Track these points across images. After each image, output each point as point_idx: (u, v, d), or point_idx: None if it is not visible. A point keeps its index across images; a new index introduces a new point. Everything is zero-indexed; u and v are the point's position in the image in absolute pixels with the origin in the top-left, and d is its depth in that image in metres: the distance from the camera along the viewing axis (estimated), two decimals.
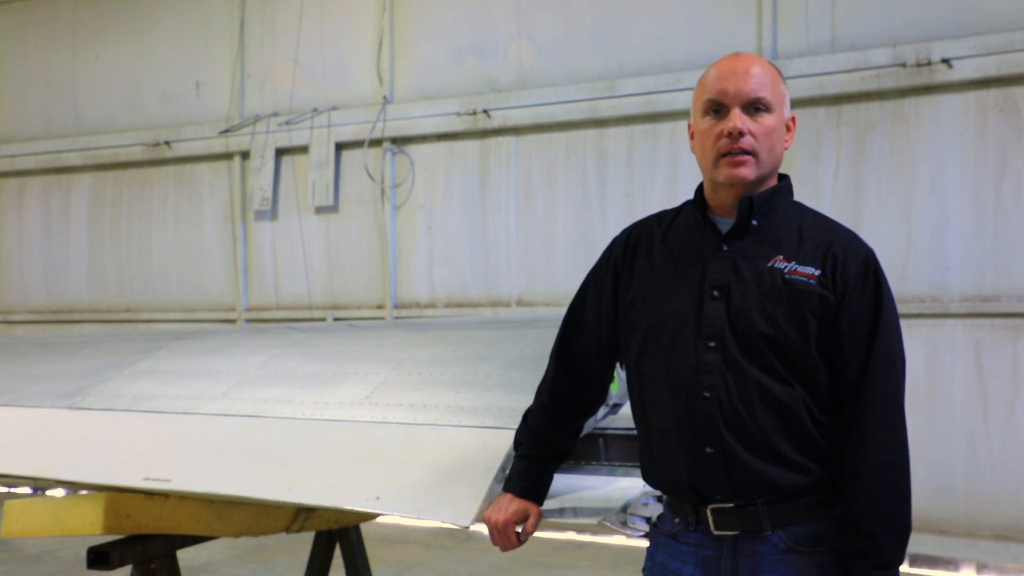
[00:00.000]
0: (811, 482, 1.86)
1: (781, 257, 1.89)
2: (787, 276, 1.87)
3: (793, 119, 1.99)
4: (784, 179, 2.00)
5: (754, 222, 1.92)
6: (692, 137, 2.00)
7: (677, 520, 1.98)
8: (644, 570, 2.07)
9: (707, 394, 1.86)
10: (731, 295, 1.88)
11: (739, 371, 1.85)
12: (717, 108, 1.91)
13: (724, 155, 1.89)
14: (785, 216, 1.95)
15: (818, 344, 1.86)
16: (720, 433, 1.85)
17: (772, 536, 1.87)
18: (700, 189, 2.01)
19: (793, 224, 1.94)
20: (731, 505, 1.89)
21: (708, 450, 1.87)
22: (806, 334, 1.84)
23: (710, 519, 1.91)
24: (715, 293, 1.89)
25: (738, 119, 1.87)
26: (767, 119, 1.90)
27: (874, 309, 1.87)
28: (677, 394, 1.90)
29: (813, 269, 1.87)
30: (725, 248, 1.93)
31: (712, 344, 1.87)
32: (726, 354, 1.86)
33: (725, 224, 1.95)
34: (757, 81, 1.89)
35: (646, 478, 2.05)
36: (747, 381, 1.84)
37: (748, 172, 1.89)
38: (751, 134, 1.88)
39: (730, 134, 1.87)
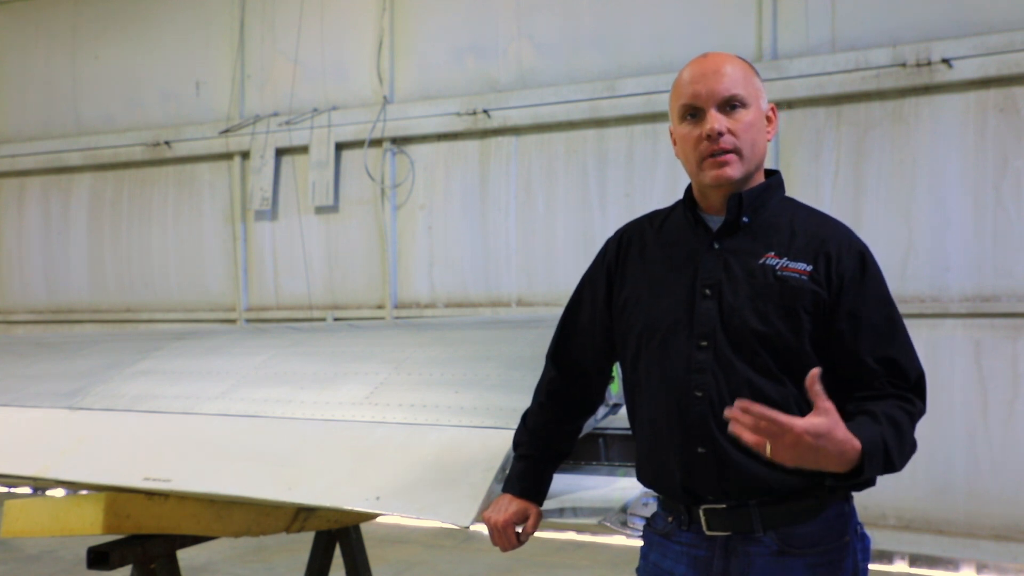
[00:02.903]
0: (803, 483, 1.84)
1: (772, 254, 1.88)
2: (778, 272, 1.86)
3: (773, 109, 1.98)
4: (774, 175, 2.00)
5: (744, 219, 1.92)
6: (675, 143, 1.99)
7: (670, 519, 1.98)
8: (637, 570, 2.07)
9: (699, 393, 1.86)
10: (723, 293, 1.88)
11: (730, 370, 1.85)
12: (693, 112, 1.91)
13: (707, 157, 1.89)
14: (776, 212, 1.95)
15: (813, 340, 1.85)
16: (712, 433, 1.85)
17: (764, 537, 1.87)
18: (689, 189, 2.00)
19: (785, 220, 1.93)
20: (724, 506, 1.88)
21: (700, 450, 1.86)
22: (799, 330, 1.84)
23: (702, 519, 1.90)
24: (707, 292, 1.89)
25: (715, 120, 1.87)
26: (744, 115, 1.89)
27: (884, 301, 1.88)
28: (669, 394, 1.89)
29: (805, 265, 1.86)
30: (716, 246, 1.92)
31: (704, 343, 1.87)
32: (718, 353, 1.86)
33: (716, 222, 1.95)
34: (729, 79, 1.89)
35: (640, 478, 2.05)
36: (738, 380, 1.84)
37: (733, 171, 1.88)
38: (731, 132, 1.87)
39: (709, 136, 1.87)
